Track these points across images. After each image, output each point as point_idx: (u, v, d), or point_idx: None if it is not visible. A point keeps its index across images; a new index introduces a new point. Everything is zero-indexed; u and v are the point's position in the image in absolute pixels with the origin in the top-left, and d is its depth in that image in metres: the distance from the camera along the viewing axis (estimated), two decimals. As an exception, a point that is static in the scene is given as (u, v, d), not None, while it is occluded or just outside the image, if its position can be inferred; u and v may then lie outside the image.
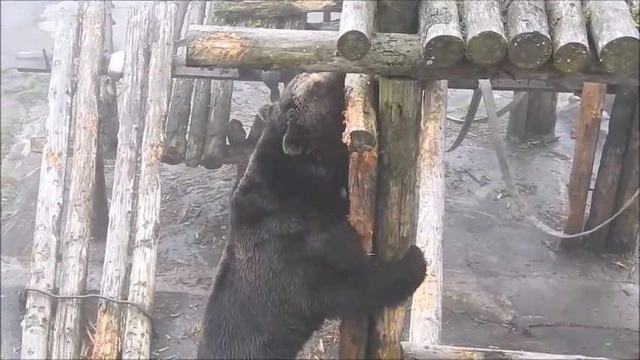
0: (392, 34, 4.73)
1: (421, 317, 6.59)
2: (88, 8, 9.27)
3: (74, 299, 7.71)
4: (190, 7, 10.78)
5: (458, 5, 4.69)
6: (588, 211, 9.73)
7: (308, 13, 9.43)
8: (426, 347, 6.37)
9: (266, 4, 9.06)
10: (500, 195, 10.95)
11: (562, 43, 4.37)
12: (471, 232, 10.19)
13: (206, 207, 10.69)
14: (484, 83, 8.89)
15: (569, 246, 9.85)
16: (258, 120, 9.92)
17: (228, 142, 9.78)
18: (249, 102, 13.05)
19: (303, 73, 5.57)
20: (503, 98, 12.01)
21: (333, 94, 5.28)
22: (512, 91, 11.50)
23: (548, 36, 4.40)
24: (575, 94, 10.15)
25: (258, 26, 8.86)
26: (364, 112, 4.89)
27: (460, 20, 4.59)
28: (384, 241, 5.38)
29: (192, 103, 9.95)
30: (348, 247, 5.31)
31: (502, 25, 4.49)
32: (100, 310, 7.66)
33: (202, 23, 10.58)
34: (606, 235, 9.77)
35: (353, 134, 4.76)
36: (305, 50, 4.74)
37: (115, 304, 7.62)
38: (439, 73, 4.73)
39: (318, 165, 5.34)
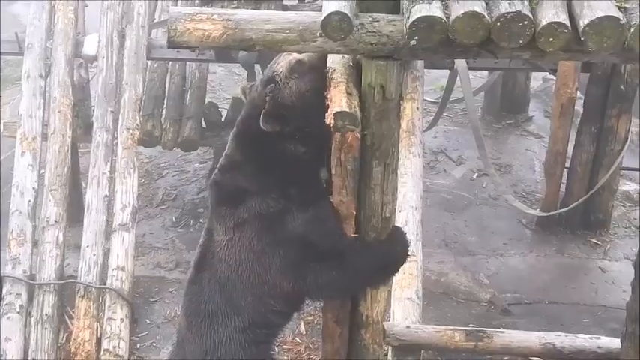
0: (374, 14, 4.73)
1: (402, 297, 6.64)
2: (60, -9, 9.19)
3: (52, 285, 7.66)
4: (164, -12, 10.72)
5: (440, -15, 4.69)
6: (564, 190, 9.76)
7: (284, -6, 9.42)
8: (408, 327, 6.41)
9: (242, -14, 9.03)
10: (476, 174, 10.97)
11: (544, 22, 4.38)
12: (448, 211, 10.20)
13: (182, 190, 10.65)
14: (460, 63, 8.91)
15: (546, 224, 9.88)
16: (234, 102, 9.89)
17: (204, 125, 9.73)
18: (223, 84, 12.99)
19: (285, 52, 5.56)
20: (477, 78, 12.02)
21: (315, 72, 5.27)
22: (486, 71, 11.53)
23: (531, 15, 4.41)
24: (550, 73, 10.18)
25: (234, 7, 8.75)
26: (347, 93, 4.88)
27: (442, 0, 4.59)
28: (367, 222, 5.39)
29: (167, 86, 9.88)
30: (329, 225, 5.31)
31: (484, 4, 4.50)
32: (79, 295, 7.61)
33: (176, 5, 10.55)
34: (582, 213, 9.81)
35: (336, 115, 4.75)
36: (288, 31, 4.73)
37: (93, 289, 7.57)
38: (422, 54, 4.74)
39: (297, 143, 5.32)
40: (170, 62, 9.90)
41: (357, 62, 5.12)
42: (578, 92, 9.40)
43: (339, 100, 4.82)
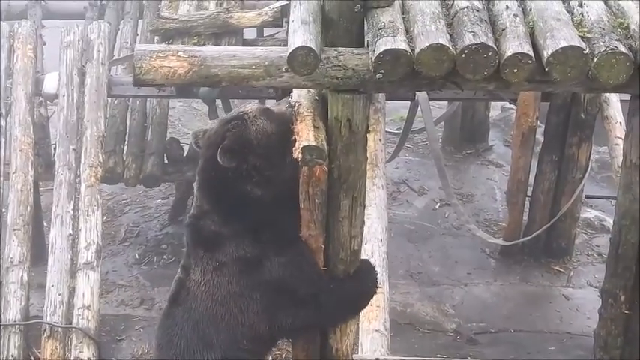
0: (340, 48, 4.78)
1: (370, 329, 6.67)
2: (19, 29, 9.13)
3: (17, 326, 7.57)
4: (122, 25, 10.73)
5: (404, 18, 4.76)
6: (526, 218, 9.80)
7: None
8: (377, 359, 6.44)
9: (202, 21, 9.02)
10: (438, 205, 11.02)
11: (508, 54, 4.46)
12: (411, 242, 10.23)
13: (145, 227, 10.61)
14: (421, 95, 8.97)
15: (509, 253, 9.94)
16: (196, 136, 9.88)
17: (166, 161, 9.72)
18: (183, 119, 13.01)
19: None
20: (435, 109, 12.07)
21: (284, 123, 5.24)
22: (445, 102, 11.61)
23: (495, 46, 4.48)
24: (510, 103, 10.28)
25: (194, 43, 8.81)
26: (314, 127, 4.91)
27: (407, 33, 4.64)
28: (335, 255, 5.39)
29: (128, 122, 9.86)
30: (305, 269, 5.32)
31: (449, 37, 4.55)
32: (45, 335, 7.51)
33: (135, 42, 10.56)
34: (544, 241, 9.86)
35: (304, 149, 4.77)
36: (254, 67, 4.78)
37: (59, 329, 7.48)
38: (388, 86, 4.79)
39: (254, 185, 5.29)
40: (131, 99, 9.88)
41: (323, 96, 5.15)
42: (537, 121, 9.48)
43: (306, 134, 4.84)
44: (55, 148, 9.21)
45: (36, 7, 11.09)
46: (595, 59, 4.45)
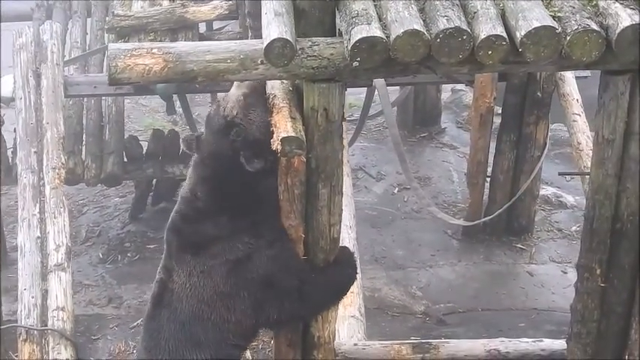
0: (313, 38, 4.81)
1: (346, 315, 6.71)
2: (-31, 33, 9.09)
3: (-9, 331, 7.55)
4: (71, 25, 10.65)
5: (375, 6, 4.79)
6: (487, 198, 9.89)
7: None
8: (355, 345, 6.50)
9: (158, 17, 9.01)
10: (397, 189, 11.09)
11: (482, 36, 4.51)
12: (374, 227, 10.28)
13: (106, 226, 10.56)
14: (378, 81, 9.00)
15: (471, 233, 10.03)
16: (155, 134, 9.87)
17: (126, 159, 9.69)
18: (132, 116, 12.93)
19: (218, 98, 5.60)
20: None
21: (263, 98, 5.29)
22: (396, 87, 11.67)
23: (469, 30, 4.53)
24: (466, 85, 10.36)
25: (151, 40, 8.81)
26: (291, 118, 4.93)
27: (380, 20, 4.68)
28: (315, 244, 5.42)
29: (84, 122, 9.81)
30: (291, 262, 5.35)
31: (422, 22, 4.60)
32: (21, 339, 7.42)
33: (85, 41, 10.50)
34: (506, 220, 9.96)
35: (283, 140, 4.79)
36: (229, 61, 4.79)
37: (35, 332, 7.42)
38: (364, 74, 4.83)
39: (263, 179, 5.30)
40: (85, 98, 9.82)
41: (297, 86, 5.18)
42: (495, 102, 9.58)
43: (284, 126, 4.87)
44: (12, 152, 9.18)
45: (-20, 10, 11.01)
46: (568, 38, 4.51)
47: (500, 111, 9.68)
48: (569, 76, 8.89)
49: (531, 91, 9.13)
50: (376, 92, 9.46)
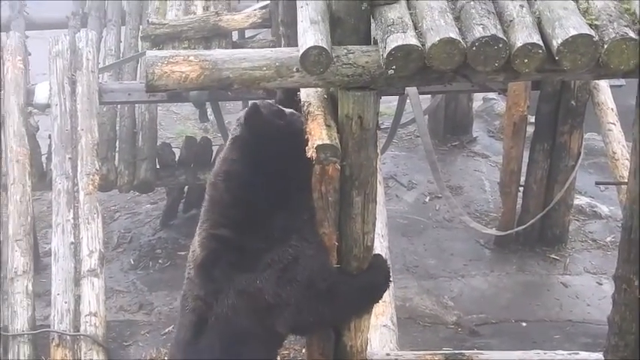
0: (349, 46, 4.80)
1: (378, 325, 6.68)
2: (7, 41, 9.14)
3: (25, 335, 7.56)
4: (105, 33, 10.74)
5: (411, 14, 4.77)
6: (520, 207, 9.84)
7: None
8: (388, 354, 6.47)
9: (192, 26, 9.05)
10: (428, 198, 11.08)
11: (519, 44, 4.48)
12: (405, 236, 10.26)
13: (137, 232, 10.61)
14: (411, 89, 8.99)
15: (504, 243, 9.99)
16: (188, 141, 9.92)
17: (158, 166, 9.74)
18: (163, 124, 12.97)
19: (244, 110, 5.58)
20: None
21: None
22: (428, 95, 11.65)
23: (505, 38, 4.50)
24: (499, 94, 10.34)
25: (185, 48, 8.86)
26: (326, 125, 4.93)
27: (415, 29, 4.67)
28: (348, 252, 5.40)
29: (118, 129, 9.87)
30: (326, 265, 5.31)
31: (457, 30, 4.58)
32: (53, 344, 7.48)
33: (119, 49, 10.57)
34: (539, 229, 9.92)
35: (318, 148, 4.79)
36: (265, 68, 4.79)
37: (68, 337, 7.47)
38: (399, 82, 4.81)
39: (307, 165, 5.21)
40: (119, 105, 9.87)
41: (331, 94, 5.18)
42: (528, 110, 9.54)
43: (319, 133, 4.87)
44: (47, 158, 9.24)
45: (19, 18, 11.11)
46: (605, 46, 4.46)
47: (533, 120, 9.63)
48: (603, 85, 8.86)
49: (565, 99, 9.09)
50: (408, 100, 9.45)
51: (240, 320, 5.38)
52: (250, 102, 5.95)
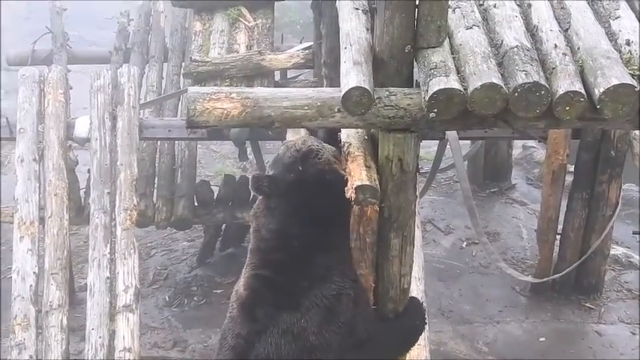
0: (391, 88, 4.83)
1: (413, 368, 6.64)
2: (49, 74, 9.19)
3: (59, 369, 7.60)
4: (147, 69, 10.81)
5: (454, 58, 4.79)
6: (556, 255, 9.81)
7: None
8: (420, 397, 6.44)
9: (235, 64, 9.10)
10: (465, 243, 11.07)
11: (560, 92, 4.48)
12: (441, 280, 10.25)
13: (173, 269, 10.64)
14: (451, 134, 8.99)
15: (539, 290, 9.96)
16: (227, 179, 9.96)
17: (196, 203, 9.77)
18: (202, 161, 13.06)
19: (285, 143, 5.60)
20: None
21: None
22: (468, 141, 11.66)
23: (547, 85, 4.51)
24: (539, 141, 10.32)
25: (227, 85, 8.88)
26: (366, 167, 4.95)
27: (458, 73, 4.68)
28: (385, 294, 5.43)
29: (157, 165, 9.92)
30: (368, 309, 5.30)
31: (500, 75, 4.59)
32: (87, 378, 7.55)
33: (161, 85, 10.65)
34: (575, 278, 9.91)
35: (358, 189, 4.81)
36: (306, 107, 4.82)
37: (101, 371, 7.52)
38: (439, 125, 4.84)
39: (343, 205, 5.14)
40: (159, 142, 9.94)
41: (372, 135, 5.21)
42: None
43: (358, 174, 4.89)
44: (85, 192, 9.29)
45: (62, 51, 11.21)
46: (647, 96, 4.47)
47: (572, 168, 9.62)
48: (643, 136, 8.84)
49: (605, 149, 9.08)
50: (447, 145, 9.45)
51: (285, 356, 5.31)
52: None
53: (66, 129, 8.99)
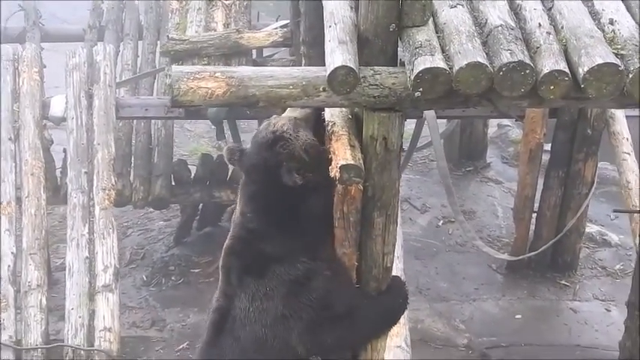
0: (376, 67, 4.81)
1: (391, 346, 6.67)
2: (23, 52, 9.15)
3: (39, 350, 7.54)
4: (122, 47, 10.76)
5: (439, 37, 4.79)
6: (532, 233, 9.86)
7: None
8: (401, 375, 6.47)
9: (212, 42, 9.06)
10: (441, 222, 11.11)
11: (545, 71, 4.49)
12: (418, 259, 10.29)
13: (150, 249, 10.61)
14: (429, 113, 8.99)
15: (515, 268, 10.03)
16: (203, 158, 9.93)
17: (173, 182, 9.73)
18: (177, 141, 12.95)
19: (270, 118, 5.61)
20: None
21: (313, 126, 5.36)
22: (444, 120, 11.66)
23: (532, 64, 4.52)
24: (516, 120, 10.36)
25: (204, 64, 8.85)
26: (350, 146, 4.93)
27: (443, 52, 4.68)
28: (368, 272, 5.41)
29: (133, 144, 9.87)
30: (346, 286, 5.33)
31: (485, 55, 4.59)
32: (67, 358, 7.49)
33: (136, 63, 10.60)
34: (550, 256, 9.97)
35: (342, 168, 4.79)
36: (291, 87, 4.79)
37: (82, 351, 7.46)
38: (424, 104, 4.82)
39: (310, 200, 5.27)
40: (135, 121, 9.88)
41: (356, 114, 5.19)
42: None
43: (343, 153, 4.87)
44: (61, 172, 9.24)
45: (34, 29, 11.13)
46: (630, 75, 4.48)
47: (548, 147, 9.65)
48: (619, 115, 8.89)
49: (581, 128, 9.13)
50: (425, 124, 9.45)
51: (254, 326, 5.42)
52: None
53: (41, 108, 8.95)
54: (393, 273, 6.60)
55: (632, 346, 5.62)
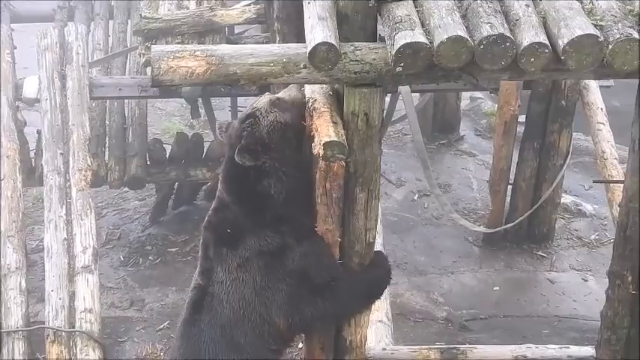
0: (356, 43, 4.82)
1: (373, 320, 6.71)
2: (-6, 34, 9.10)
3: (20, 332, 7.50)
4: (93, 27, 10.68)
5: (418, 12, 4.80)
6: (508, 205, 9.91)
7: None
8: (384, 349, 6.54)
9: (186, 20, 8.97)
10: (416, 195, 11.13)
11: (525, 43, 4.51)
12: (395, 233, 10.30)
13: (126, 229, 10.56)
14: (404, 87, 8.99)
15: (492, 240, 10.05)
16: (179, 137, 9.89)
17: (149, 162, 9.70)
18: (148, 120, 12.89)
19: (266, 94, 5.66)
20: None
21: (296, 110, 5.36)
22: (416, 94, 11.66)
23: (512, 37, 4.53)
24: (491, 92, 10.36)
25: (178, 43, 8.78)
26: (333, 122, 4.95)
27: (423, 26, 4.69)
28: (350, 248, 5.45)
29: (107, 124, 9.81)
30: (323, 259, 5.36)
31: (465, 28, 4.61)
32: (49, 340, 7.41)
33: (107, 43, 10.53)
34: (526, 227, 10.01)
35: (326, 144, 4.81)
36: (272, 64, 4.80)
37: (63, 333, 7.41)
38: (405, 79, 4.85)
39: (272, 180, 5.38)
40: (108, 101, 9.82)
41: (337, 91, 5.20)
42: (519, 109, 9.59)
43: (326, 130, 4.89)
44: (35, 154, 9.18)
45: (4, 10, 11.01)
46: (610, 46, 4.50)
47: (523, 119, 9.69)
48: (593, 85, 8.92)
49: (556, 99, 9.15)
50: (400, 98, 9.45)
51: (232, 301, 5.50)
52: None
53: (14, 89, 8.88)
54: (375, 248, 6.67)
55: (614, 316, 5.64)
